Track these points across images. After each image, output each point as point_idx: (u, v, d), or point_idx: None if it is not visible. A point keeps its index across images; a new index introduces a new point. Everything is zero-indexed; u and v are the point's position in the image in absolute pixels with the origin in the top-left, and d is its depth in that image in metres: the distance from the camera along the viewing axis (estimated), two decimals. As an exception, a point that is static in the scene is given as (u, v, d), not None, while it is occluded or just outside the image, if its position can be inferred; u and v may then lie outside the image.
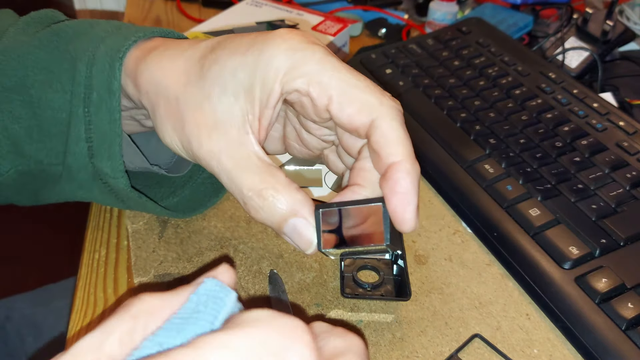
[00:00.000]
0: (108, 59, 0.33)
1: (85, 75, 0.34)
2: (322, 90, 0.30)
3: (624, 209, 0.44)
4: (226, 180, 0.31)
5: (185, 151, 0.32)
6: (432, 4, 0.80)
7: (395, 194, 0.29)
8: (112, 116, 0.34)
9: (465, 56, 0.63)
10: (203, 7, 0.84)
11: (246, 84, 0.30)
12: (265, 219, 0.30)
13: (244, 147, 0.30)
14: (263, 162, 0.30)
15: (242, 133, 0.30)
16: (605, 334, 0.36)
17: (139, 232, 0.44)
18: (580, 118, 0.53)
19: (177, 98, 0.31)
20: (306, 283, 0.41)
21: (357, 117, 0.30)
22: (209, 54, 0.32)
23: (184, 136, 0.31)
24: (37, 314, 0.66)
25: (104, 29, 0.36)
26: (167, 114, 0.32)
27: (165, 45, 0.34)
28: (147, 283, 0.40)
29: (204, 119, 0.31)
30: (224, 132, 0.30)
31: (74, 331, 0.37)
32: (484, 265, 0.43)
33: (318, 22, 0.69)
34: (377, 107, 0.30)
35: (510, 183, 0.46)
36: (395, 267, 0.42)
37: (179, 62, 0.32)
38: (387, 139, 0.30)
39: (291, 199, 0.30)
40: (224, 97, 0.31)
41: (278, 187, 0.30)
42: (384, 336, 0.37)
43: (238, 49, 0.31)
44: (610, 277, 0.38)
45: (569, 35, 0.71)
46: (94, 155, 0.35)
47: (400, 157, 0.30)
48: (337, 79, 0.30)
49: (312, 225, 0.30)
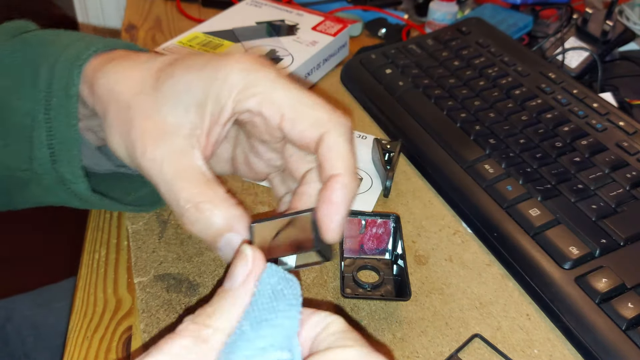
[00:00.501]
0: (68, 65, 0.34)
1: (47, 82, 0.35)
2: (274, 108, 0.31)
3: (624, 209, 0.44)
4: (164, 190, 0.31)
5: (129, 157, 0.33)
6: (432, 4, 0.80)
7: (326, 202, 0.30)
8: (70, 121, 0.35)
9: (465, 56, 0.63)
10: (203, 7, 0.84)
11: (199, 98, 0.31)
12: (200, 231, 0.30)
13: (187, 158, 0.31)
14: (204, 176, 0.31)
15: (187, 145, 0.31)
16: (605, 334, 0.36)
17: (139, 233, 0.44)
18: (580, 118, 0.53)
19: (128, 104, 0.32)
20: (306, 283, 0.41)
21: (308, 133, 0.31)
22: (166, 67, 0.33)
23: (129, 142, 0.32)
24: (38, 315, 0.66)
25: (68, 38, 0.37)
26: (116, 118, 0.32)
27: (124, 57, 0.35)
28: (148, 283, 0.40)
29: (152, 127, 0.31)
30: (169, 142, 0.31)
31: (74, 331, 0.37)
32: (484, 265, 0.43)
33: (318, 22, 0.69)
34: (327, 123, 0.31)
35: (510, 183, 0.46)
36: (395, 267, 0.42)
37: (135, 72, 0.33)
38: (332, 153, 0.31)
39: (228, 214, 0.30)
40: (175, 109, 0.31)
41: (216, 201, 0.30)
42: (384, 336, 0.37)
43: (194, 66, 0.32)
44: (611, 277, 0.38)
45: (568, 35, 0.71)
46: (56, 161, 0.36)
47: (341, 170, 0.31)
48: (289, 98, 0.31)
49: (245, 241, 0.30)
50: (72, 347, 0.36)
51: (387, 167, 0.49)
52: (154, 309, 0.38)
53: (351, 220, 0.42)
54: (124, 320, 0.38)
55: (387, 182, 0.48)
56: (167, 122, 0.31)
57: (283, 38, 0.65)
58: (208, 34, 0.64)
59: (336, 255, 0.40)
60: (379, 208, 0.48)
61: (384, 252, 0.43)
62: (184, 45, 0.61)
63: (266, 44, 0.63)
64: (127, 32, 0.76)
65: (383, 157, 0.50)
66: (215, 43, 0.62)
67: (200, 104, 0.31)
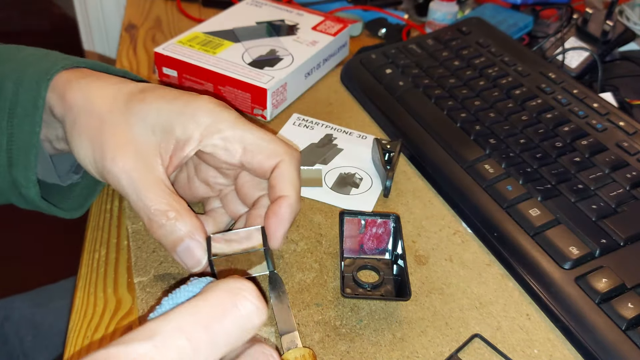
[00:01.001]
0: (36, 78, 0.37)
1: (12, 92, 0.38)
2: (237, 143, 0.37)
3: (624, 209, 0.44)
4: (134, 197, 0.35)
5: (94, 163, 0.36)
6: (432, 4, 0.80)
7: (275, 215, 0.37)
8: (34, 129, 0.37)
9: (465, 56, 0.63)
10: (203, 7, 0.84)
11: (167, 125, 0.36)
12: (164, 236, 0.35)
13: (155, 172, 0.35)
14: (169, 189, 0.36)
15: (154, 161, 0.36)
16: (605, 334, 0.36)
17: (139, 232, 0.44)
18: (580, 118, 0.53)
19: (101, 118, 0.36)
20: (306, 283, 0.41)
21: (266, 162, 0.37)
22: (138, 93, 0.37)
23: (97, 151, 0.35)
24: (36, 314, 0.66)
25: (32, 54, 0.40)
26: (87, 127, 0.36)
27: (97, 77, 0.38)
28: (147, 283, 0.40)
29: (123, 142, 0.35)
30: (139, 156, 0.35)
31: (74, 331, 0.37)
32: (484, 265, 0.43)
33: (318, 22, 0.69)
34: (282, 154, 0.37)
35: (511, 183, 0.46)
36: (395, 267, 0.42)
37: (108, 91, 0.37)
38: (283, 178, 0.37)
39: (190, 223, 0.35)
40: (144, 130, 0.36)
41: (182, 211, 0.35)
42: (384, 336, 0.37)
43: (165, 97, 0.37)
44: (611, 277, 0.38)
45: (569, 35, 0.71)
46: (12, 164, 0.38)
47: (289, 193, 0.37)
48: (250, 134, 0.37)
49: (202, 248, 0.35)
50: (72, 347, 0.36)
51: (387, 167, 0.49)
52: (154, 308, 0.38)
53: (351, 220, 0.42)
54: (124, 320, 0.38)
55: (387, 182, 0.48)
56: (136, 139, 0.36)
57: (283, 38, 0.65)
58: (208, 34, 0.64)
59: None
60: (379, 208, 0.48)
61: (384, 252, 0.43)
62: (184, 45, 0.61)
63: (266, 44, 0.63)
64: (127, 32, 0.76)
65: (383, 157, 0.50)
66: (215, 43, 0.62)
67: (167, 129, 0.36)
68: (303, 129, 0.57)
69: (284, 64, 0.60)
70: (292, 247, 0.43)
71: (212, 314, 0.21)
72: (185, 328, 0.20)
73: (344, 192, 0.49)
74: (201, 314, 0.21)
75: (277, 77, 0.57)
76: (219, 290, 0.22)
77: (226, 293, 0.22)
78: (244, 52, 0.61)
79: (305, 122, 0.58)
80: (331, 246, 0.44)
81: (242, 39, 0.64)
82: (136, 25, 0.78)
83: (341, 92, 0.64)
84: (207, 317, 0.21)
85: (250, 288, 0.22)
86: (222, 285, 0.22)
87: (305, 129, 0.57)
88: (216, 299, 0.21)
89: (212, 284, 0.23)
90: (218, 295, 0.21)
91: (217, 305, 0.21)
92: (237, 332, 0.21)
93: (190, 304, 0.21)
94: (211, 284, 0.23)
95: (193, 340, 0.20)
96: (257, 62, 0.60)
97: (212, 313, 0.21)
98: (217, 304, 0.21)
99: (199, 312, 0.21)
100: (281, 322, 0.37)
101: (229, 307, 0.21)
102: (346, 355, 0.36)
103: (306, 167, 0.52)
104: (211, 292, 0.22)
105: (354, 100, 0.63)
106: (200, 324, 0.20)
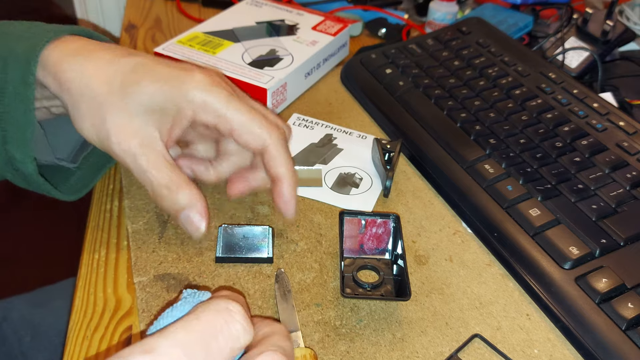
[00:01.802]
0: (24, 56, 0.38)
1: (1, 70, 0.38)
2: (226, 124, 0.39)
3: (624, 209, 0.44)
4: (139, 174, 0.38)
5: (99, 142, 0.38)
6: (432, 4, 0.80)
7: (280, 197, 0.41)
8: (27, 107, 0.38)
9: (465, 56, 0.63)
10: (203, 7, 0.84)
11: (162, 105, 0.38)
12: (168, 207, 0.38)
13: (156, 148, 0.38)
14: (170, 164, 0.38)
15: (154, 138, 0.38)
16: (605, 334, 0.36)
17: (139, 233, 0.44)
18: (581, 118, 0.53)
19: (100, 102, 0.37)
20: (306, 283, 0.41)
21: (253, 143, 0.40)
22: (131, 74, 0.38)
23: (103, 131, 0.38)
24: (35, 315, 0.66)
25: (19, 29, 0.41)
26: (88, 112, 0.38)
27: (87, 51, 0.39)
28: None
29: (124, 123, 0.37)
30: (141, 136, 0.38)
31: (74, 331, 0.37)
32: (484, 265, 0.43)
33: (318, 22, 0.69)
34: (268, 139, 0.39)
35: (511, 183, 0.46)
36: (395, 267, 0.42)
37: (103, 72, 0.38)
38: (274, 161, 0.40)
39: (190, 195, 0.38)
40: (142, 110, 0.38)
41: (182, 184, 0.38)
42: (384, 336, 0.37)
43: (159, 78, 0.38)
44: (611, 277, 0.38)
45: (569, 35, 0.71)
46: (7, 142, 0.39)
47: (284, 173, 0.40)
48: (239, 115, 0.39)
49: (201, 216, 0.39)
50: (72, 347, 0.36)
51: (387, 167, 0.49)
52: (154, 309, 0.38)
53: (351, 220, 0.42)
54: (123, 320, 0.38)
55: (387, 182, 0.48)
56: (135, 120, 0.38)
57: (283, 38, 0.65)
58: (208, 34, 0.64)
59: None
60: (379, 208, 0.48)
61: (384, 252, 0.43)
62: (184, 45, 0.61)
63: (266, 44, 0.63)
64: (127, 32, 0.76)
65: (383, 157, 0.50)
66: (215, 43, 0.62)
67: (163, 109, 0.38)
68: (303, 128, 0.57)
69: (283, 64, 0.60)
70: (292, 247, 0.43)
71: (207, 332, 0.23)
72: (182, 344, 0.21)
73: (344, 192, 0.49)
74: (196, 332, 0.22)
75: (277, 77, 0.57)
76: (210, 310, 0.23)
77: (217, 314, 0.23)
78: (243, 52, 0.61)
79: (305, 122, 0.58)
80: (331, 246, 0.44)
81: (242, 38, 0.64)
82: (136, 25, 0.78)
83: (341, 92, 0.64)
84: (202, 335, 0.22)
85: (238, 309, 0.24)
86: (213, 306, 0.24)
87: (305, 128, 0.57)
88: (209, 318, 0.23)
89: (203, 304, 0.24)
90: (210, 315, 0.23)
91: (209, 323, 0.23)
92: (228, 350, 0.23)
93: (184, 322, 0.23)
94: (202, 304, 0.24)
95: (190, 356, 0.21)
96: (257, 62, 0.60)
97: (206, 331, 0.23)
98: (210, 322, 0.23)
99: (194, 330, 0.22)
100: (285, 321, 0.37)
101: (220, 327, 0.23)
102: (346, 355, 0.36)
103: (306, 167, 0.52)
104: (203, 312, 0.23)
105: (354, 100, 0.63)
106: (196, 341, 0.22)
